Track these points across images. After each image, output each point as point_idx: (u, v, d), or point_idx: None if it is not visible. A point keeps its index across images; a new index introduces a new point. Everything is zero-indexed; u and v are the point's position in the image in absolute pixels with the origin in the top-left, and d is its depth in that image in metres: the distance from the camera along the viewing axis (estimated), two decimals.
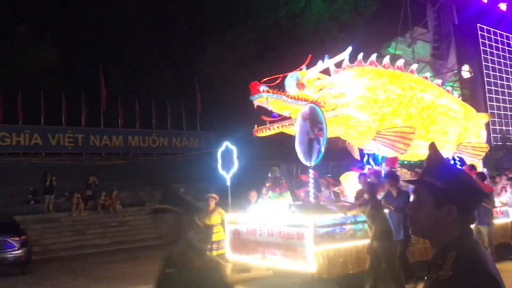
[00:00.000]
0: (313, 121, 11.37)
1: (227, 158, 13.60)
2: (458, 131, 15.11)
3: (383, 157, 14.06)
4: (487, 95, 36.06)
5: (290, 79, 12.72)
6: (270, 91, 12.10)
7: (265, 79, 12.33)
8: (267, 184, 12.69)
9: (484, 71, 36.43)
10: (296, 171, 26.28)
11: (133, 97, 35.09)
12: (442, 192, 2.33)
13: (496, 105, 36.42)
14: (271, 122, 12.65)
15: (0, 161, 29.73)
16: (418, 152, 14.43)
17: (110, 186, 27.77)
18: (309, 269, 10.92)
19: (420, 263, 11.73)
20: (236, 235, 12.80)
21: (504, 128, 36.54)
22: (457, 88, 35.41)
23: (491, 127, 34.76)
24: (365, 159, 14.21)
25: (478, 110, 35.66)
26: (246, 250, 12.50)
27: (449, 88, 16.13)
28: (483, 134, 16.58)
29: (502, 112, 36.72)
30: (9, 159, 30.87)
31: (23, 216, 24.31)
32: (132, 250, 21.57)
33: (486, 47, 37.01)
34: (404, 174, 14.37)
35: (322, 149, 11.10)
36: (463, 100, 35.68)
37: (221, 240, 13.11)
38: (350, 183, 13.90)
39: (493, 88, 36.53)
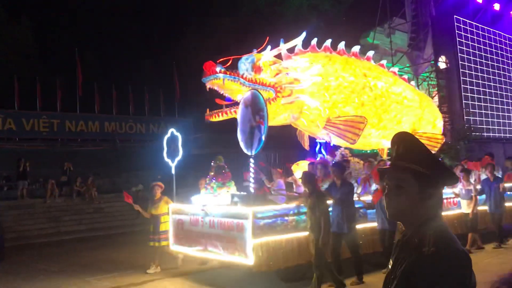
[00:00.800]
0: (255, 108, 10.65)
1: (173, 146, 12.81)
2: (412, 120, 14.43)
3: (334, 146, 13.37)
4: (462, 86, 35.46)
5: (245, 62, 11.99)
6: (228, 72, 11.32)
7: (220, 60, 11.53)
8: (211, 173, 11.94)
9: (460, 62, 35.78)
10: (276, 160, 25.44)
11: (110, 83, 34.15)
12: (427, 178, 2.43)
13: (471, 96, 35.83)
14: (227, 106, 11.86)
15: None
16: (371, 141, 13.77)
17: (86, 173, 26.96)
18: (247, 262, 10.24)
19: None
20: (180, 226, 12.10)
21: (478, 118, 35.94)
22: (433, 79, 35.01)
23: (465, 117, 34.43)
24: (317, 148, 13.47)
25: (453, 101, 35.75)
26: (189, 242, 11.81)
27: (405, 76, 15.23)
28: (440, 124, 15.88)
29: (476, 103, 36.09)
30: None
31: None
32: (108, 237, 20.96)
33: (462, 39, 36.37)
34: (356, 164, 13.69)
35: (263, 138, 10.38)
36: (439, 90, 35.97)
37: (168, 230, 12.39)
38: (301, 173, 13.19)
39: (467, 79, 35.93)
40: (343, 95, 12.77)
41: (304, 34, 12.31)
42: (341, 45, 13.67)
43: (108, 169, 30.17)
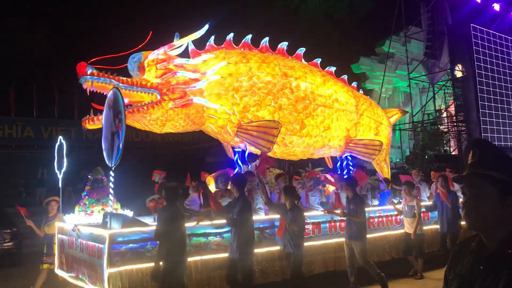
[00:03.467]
0: (115, 110, 8.26)
1: (61, 155, 10.42)
2: (345, 126, 11.69)
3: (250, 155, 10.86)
4: (479, 94, 32.50)
5: (131, 62, 9.68)
6: (100, 74, 9.07)
7: (91, 60, 9.25)
8: (87, 188, 9.60)
9: (476, 70, 33.01)
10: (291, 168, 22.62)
11: None
12: (507, 185, 2.22)
13: (488, 105, 32.71)
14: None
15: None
16: (295, 150, 11.13)
17: None
18: None
19: None
20: (62, 248, 9.83)
21: (495, 127, 32.79)
22: (450, 87, 32.52)
23: (482, 126, 31.73)
24: (236, 157, 10.95)
25: (469, 110, 32.65)
26: (67, 266, 9.56)
27: (345, 77, 12.47)
28: (386, 130, 13.07)
29: (494, 112, 33.00)
30: (1, 151, 28.35)
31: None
32: None
33: (478, 47, 33.60)
34: (272, 176, 11.11)
35: (121, 146, 7.95)
36: (455, 99, 32.93)
37: None
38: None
39: (484, 88, 32.91)
40: (256, 97, 10.27)
41: (207, 26, 9.83)
42: (264, 41, 11.15)
43: None
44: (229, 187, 9.34)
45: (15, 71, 30.88)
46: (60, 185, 10.15)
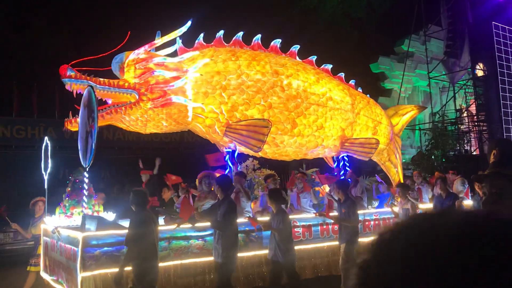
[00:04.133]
0: (89, 109, 7.92)
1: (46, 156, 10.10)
2: (340, 126, 11.15)
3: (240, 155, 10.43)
4: (501, 93, 31.42)
5: (114, 63, 9.41)
6: (78, 76, 8.77)
7: (73, 62, 8.95)
8: (67, 189, 9.26)
9: (498, 69, 31.86)
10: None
11: None
12: None
13: (510, 104, 31.66)
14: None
15: (12, 153, 27.13)
16: (287, 150, 10.63)
17: None
18: None
19: None
20: (46, 250, 9.54)
21: None
22: (470, 87, 31.55)
23: (504, 126, 30.71)
24: (227, 157, 10.51)
25: (491, 110, 31.63)
26: (50, 269, 9.26)
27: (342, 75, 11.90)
28: (386, 129, 12.46)
29: None
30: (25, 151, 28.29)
31: None
32: None
33: (500, 45, 32.52)
34: (262, 177, 10.64)
35: (94, 146, 7.60)
36: (476, 99, 31.97)
37: None
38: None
39: (507, 86, 31.86)
40: (245, 96, 9.82)
41: (189, 23, 9.42)
42: (256, 38, 10.70)
43: None
44: (213, 189, 8.92)
45: (37, 72, 30.70)
46: (45, 186, 9.82)
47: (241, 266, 8.86)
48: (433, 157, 21.91)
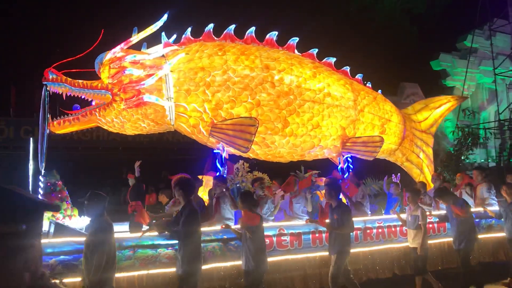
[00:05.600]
0: (43, 109, 7.33)
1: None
2: (340, 124, 10.02)
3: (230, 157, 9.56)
4: None
5: (95, 63, 8.83)
6: (54, 78, 8.30)
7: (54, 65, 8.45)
8: (41, 193, 8.71)
9: None
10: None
11: None
12: None
13: None
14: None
15: (77, 154, 27.44)
16: (280, 151, 9.64)
17: None
18: None
19: None
20: None
21: None
22: None
23: None
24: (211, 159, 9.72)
25: None
26: None
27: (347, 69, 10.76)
28: (397, 128, 11.20)
29: None
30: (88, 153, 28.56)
31: None
32: None
33: None
34: (246, 181, 9.69)
35: (45, 148, 7.01)
36: None
37: None
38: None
39: None
40: (231, 93, 8.96)
41: (165, 16, 8.66)
42: (250, 31, 9.80)
43: None
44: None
45: None
46: (30, 188, 9.35)
47: (218, 277, 8.02)
48: (463, 157, 19.89)
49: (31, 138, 9.83)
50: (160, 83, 8.77)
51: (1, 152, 22.25)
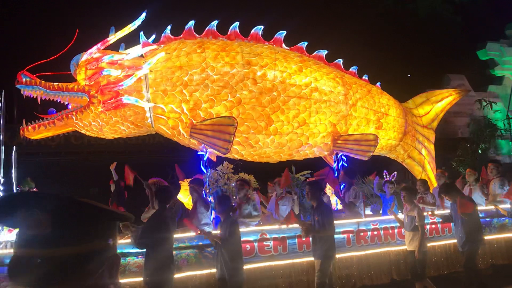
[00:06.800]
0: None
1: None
2: (330, 120, 9.27)
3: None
4: None
5: (71, 65, 8.48)
6: (28, 81, 8.03)
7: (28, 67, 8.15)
8: None
9: None
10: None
11: None
12: None
13: None
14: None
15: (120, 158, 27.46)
16: (266, 151, 9.01)
17: None
18: None
19: None
20: None
21: None
22: None
23: None
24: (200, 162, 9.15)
25: None
26: None
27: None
28: (396, 122, 10.35)
29: None
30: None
31: None
32: None
33: None
34: (229, 184, 9.09)
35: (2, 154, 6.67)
36: None
37: None
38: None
39: None
40: (210, 92, 8.42)
41: (143, 15, 8.24)
42: (233, 26, 9.23)
43: None
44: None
45: None
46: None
47: (193, 287, 7.50)
48: (480, 151, 18.20)
49: (14, 146, 9.52)
50: (139, 83, 8.37)
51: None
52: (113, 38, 8.34)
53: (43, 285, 1.36)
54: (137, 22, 8.28)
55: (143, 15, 8.29)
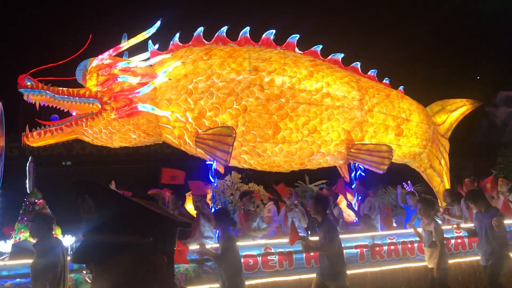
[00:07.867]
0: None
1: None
2: (343, 127, 8.64)
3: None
4: None
5: (78, 70, 8.36)
6: (34, 85, 7.86)
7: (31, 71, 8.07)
8: (20, 212, 8.28)
9: None
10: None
11: None
12: None
13: None
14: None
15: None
16: (275, 160, 8.51)
17: None
18: None
19: None
20: None
21: None
22: None
23: None
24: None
25: None
26: None
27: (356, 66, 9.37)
28: (420, 128, 9.56)
29: None
30: None
31: None
32: None
33: None
34: (234, 195, 8.60)
35: (2, 165, 6.58)
36: None
37: None
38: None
39: None
40: (215, 100, 8.07)
41: (158, 23, 8.02)
42: (244, 32, 8.82)
43: None
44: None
45: None
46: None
47: None
48: None
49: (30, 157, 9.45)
50: (153, 91, 8.11)
51: None
52: (126, 45, 8.15)
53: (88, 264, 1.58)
54: (152, 30, 8.07)
55: (158, 23, 8.08)
